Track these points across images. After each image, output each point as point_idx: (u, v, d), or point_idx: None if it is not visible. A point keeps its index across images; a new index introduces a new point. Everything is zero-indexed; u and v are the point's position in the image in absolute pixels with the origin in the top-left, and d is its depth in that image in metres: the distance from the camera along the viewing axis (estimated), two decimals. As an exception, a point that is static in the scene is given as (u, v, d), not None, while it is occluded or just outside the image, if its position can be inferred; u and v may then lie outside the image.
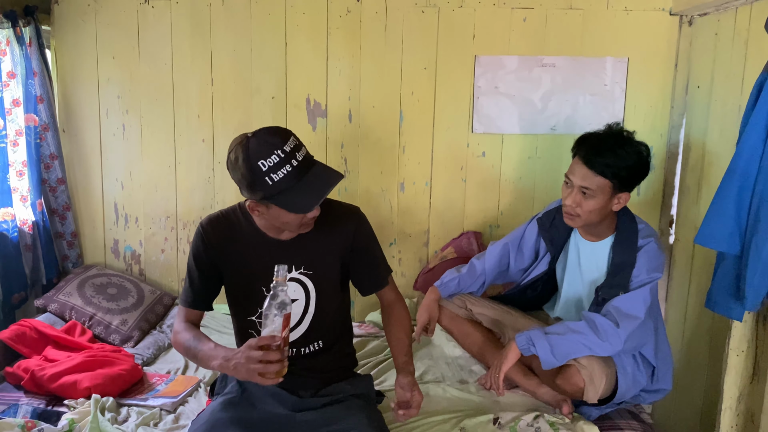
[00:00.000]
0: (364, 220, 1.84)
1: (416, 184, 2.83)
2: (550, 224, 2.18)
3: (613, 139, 1.97)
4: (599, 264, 2.07)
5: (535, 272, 2.22)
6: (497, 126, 2.77)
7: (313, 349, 1.82)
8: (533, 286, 2.25)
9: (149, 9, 2.69)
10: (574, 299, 2.16)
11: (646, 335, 1.96)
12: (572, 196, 1.99)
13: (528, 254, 2.26)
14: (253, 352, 1.46)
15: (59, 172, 2.69)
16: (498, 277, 2.33)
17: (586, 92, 2.74)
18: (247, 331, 1.81)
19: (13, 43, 2.44)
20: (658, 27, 2.69)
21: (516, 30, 2.70)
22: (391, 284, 1.89)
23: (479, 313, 2.28)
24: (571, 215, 2.02)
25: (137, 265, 2.88)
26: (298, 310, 1.77)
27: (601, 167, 1.93)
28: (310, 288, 1.78)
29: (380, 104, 2.76)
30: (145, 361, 2.34)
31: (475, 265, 2.32)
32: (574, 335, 1.88)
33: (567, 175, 2.02)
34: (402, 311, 1.88)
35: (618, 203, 2.00)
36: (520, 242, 2.26)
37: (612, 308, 1.90)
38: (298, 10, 2.69)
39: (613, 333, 1.85)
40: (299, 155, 1.56)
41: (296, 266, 1.75)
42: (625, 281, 1.93)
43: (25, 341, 2.21)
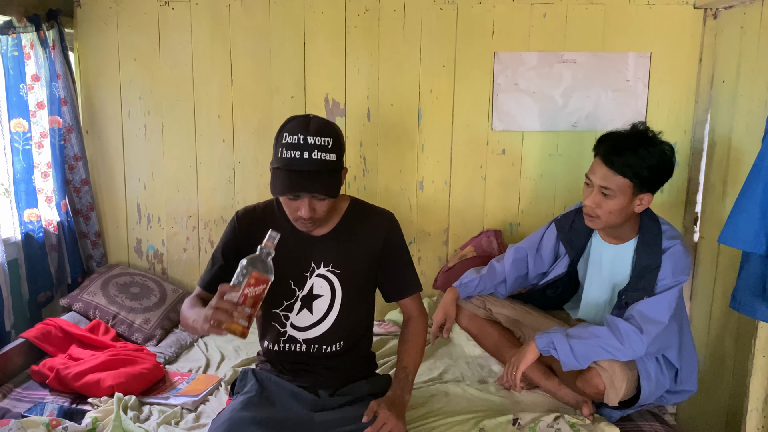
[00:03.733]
0: (396, 226, 1.84)
1: (435, 183, 2.82)
2: (570, 227, 2.15)
3: (636, 138, 1.92)
4: (622, 267, 2.03)
5: (553, 273, 2.19)
6: (517, 123, 2.75)
7: (335, 350, 1.82)
8: (553, 286, 2.22)
9: (169, 11, 2.71)
10: (596, 302, 2.12)
11: (671, 338, 1.92)
12: (592, 197, 1.95)
13: (547, 258, 2.22)
14: (213, 301, 1.43)
15: (83, 173, 2.74)
16: (518, 283, 2.30)
17: (608, 88, 2.70)
18: (271, 323, 1.82)
19: (37, 47, 2.48)
20: (682, 21, 2.65)
21: (536, 26, 2.67)
22: (416, 298, 1.88)
23: (498, 312, 2.26)
24: (591, 216, 1.98)
25: (160, 265, 2.91)
26: (322, 306, 1.78)
27: (620, 167, 1.88)
28: (337, 287, 1.79)
29: (399, 102, 2.76)
30: (167, 359, 2.36)
31: (495, 268, 2.29)
32: (595, 339, 1.85)
33: (587, 175, 1.98)
34: (419, 328, 1.86)
35: (640, 204, 1.94)
36: (538, 246, 2.23)
37: (636, 312, 1.86)
38: (317, 10, 2.69)
39: (636, 338, 1.82)
40: (315, 154, 1.58)
41: (325, 263, 1.77)
42: (651, 285, 1.88)
43: (50, 340, 2.25)
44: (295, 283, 1.78)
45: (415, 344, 1.83)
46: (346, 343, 1.83)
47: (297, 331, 1.80)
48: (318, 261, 1.77)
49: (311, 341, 1.80)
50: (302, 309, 1.79)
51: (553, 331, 1.92)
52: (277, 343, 1.81)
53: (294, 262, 1.76)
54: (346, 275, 1.79)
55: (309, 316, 1.79)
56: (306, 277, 1.78)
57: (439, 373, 2.29)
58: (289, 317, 1.79)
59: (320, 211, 1.66)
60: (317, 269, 1.78)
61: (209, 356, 2.42)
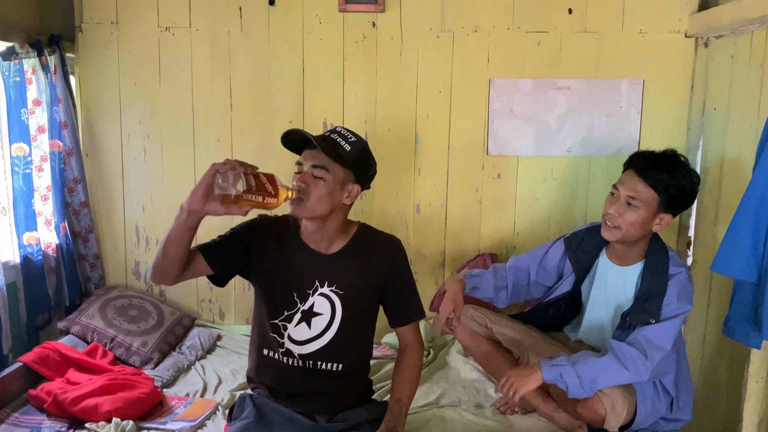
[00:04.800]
0: (403, 253, 1.87)
1: (432, 206, 2.85)
2: (578, 245, 2.18)
3: (671, 158, 1.99)
4: (626, 289, 2.06)
5: (558, 291, 2.21)
6: (512, 148, 2.79)
7: (331, 369, 1.83)
8: (556, 305, 2.24)
9: (170, 36, 2.75)
10: (598, 323, 2.15)
11: (668, 365, 1.95)
12: (616, 206, 1.99)
13: (551, 272, 2.25)
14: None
15: (82, 196, 2.75)
16: (517, 291, 2.31)
17: (601, 114, 2.75)
18: (271, 334, 1.82)
19: (38, 72, 2.51)
20: (674, 49, 2.70)
21: (530, 53, 2.72)
22: (414, 327, 1.89)
23: (499, 332, 2.27)
24: (611, 226, 2.01)
25: (158, 287, 2.92)
26: (321, 323, 1.80)
27: (653, 179, 1.94)
28: (338, 307, 1.80)
29: (396, 127, 2.79)
30: (164, 383, 2.37)
31: (498, 269, 2.31)
32: (602, 367, 1.87)
33: (615, 186, 2.03)
34: (414, 359, 1.87)
35: (659, 224, 1.99)
36: (542, 258, 2.25)
37: (641, 337, 1.89)
38: (316, 36, 2.73)
39: (641, 364, 1.85)
40: (332, 134, 1.75)
41: (329, 283, 1.79)
42: (656, 309, 1.92)
43: (48, 364, 2.25)
44: (297, 296, 1.80)
45: (411, 376, 1.84)
46: (344, 367, 1.83)
47: (294, 344, 1.81)
48: (322, 280, 1.79)
49: (307, 357, 1.81)
50: (301, 322, 1.80)
51: (559, 361, 1.90)
52: (276, 352, 1.82)
53: (299, 277, 1.79)
54: (348, 297, 1.80)
55: (307, 330, 1.80)
56: (308, 294, 1.80)
57: (436, 397, 2.30)
58: (288, 328, 1.80)
59: (311, 187, 1.68)
60: (320, 288, 1.80)
61: (206, 380, 2.43)
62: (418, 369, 1.88)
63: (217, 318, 2.95)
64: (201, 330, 2.77)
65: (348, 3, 2.68)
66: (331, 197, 1.71)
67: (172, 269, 1.63)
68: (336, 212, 1.76)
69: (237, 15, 2.72)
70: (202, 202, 1.48)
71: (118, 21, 2.75)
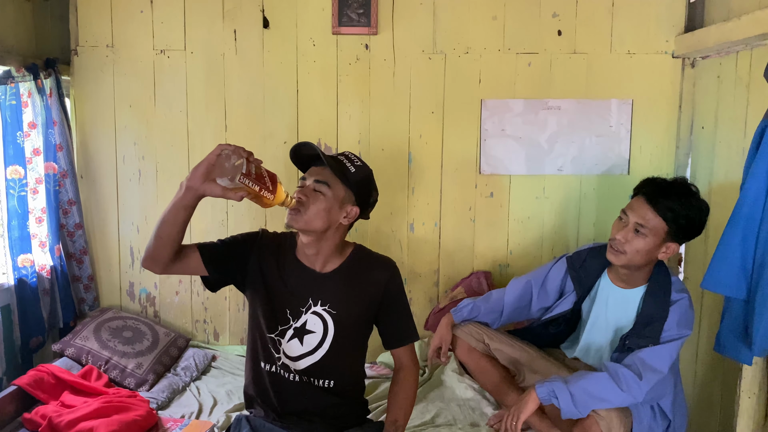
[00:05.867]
0: (397, 275, 1.89)
1: (426, 225, 2.87)
2: (581, 265, 2.20)
3: (682, 187, 2.00)
4: (627, 312, 2.08)
5: (558, 309, 2.23)
6: (505, 167, 2.82)
7: (324, 386, 1.84)
8: (556, 323, 2.26)
9: (165, 59, 2.78)
10: (596, 343, 2.17)
11: (666, 388, 1.96)
12: (624, 232, 2.00)
13: (552, 293, 2.27)
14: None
15: (77, 218, 2.76)
16: (517, 313, 2.34)
17: (592, 134, 2.79)
18: (268, 346, 1.82)
19: (34, 95, 2.52)
20: (662, 69, 2.75)
21: (521, 74, 2.76)
22: (409, 349, 1.90)
23: (496, 348, 2.30)
24: (616, 251, 2.02)
25: (152, 307, 2.92)
26: (313, 341, 1.81)
27: (663, 209, 1.95)
28: (330, 326, 1.82)
29: (389, 147, 2.82)
30: (159, 405, 2.36)
31: (492, 295, 2.34)
32: (596, 386, 1.88)
33: (624, 211, 2.04)
34: (409, 380, 1.88)
35: (665, 252, 2.00)
36: (544, 280, 2.27)
37: (637, 359, 1.91)
38: (309, 59, 2.77)
39: (635, 385, 1.86)
40: (339, 156, 1.82)
41: (322, 302, 1.81)
42: (656, 333, 1.93)
43: (42, 387, 2.24)
44: (290, 313, 1.81)
45: (406, 396, 1.85)
46: (336, 385, 1.84)
47: (289, 360, 1.82)
48: (316, 298, 1.81)
49: (302, 372, 1.82)
50: (293, 338, 1.81)
51: (552, 379, 1.94)
52: (274, 364, 1.83)
53: (293, 294, 1.80)
54: (341, 317, 1.82)
55: (299, 346, 1.81)
56: (301, 312, 1.81)
57: (431, 416, 2.30)
58: (282, 343, 1.81)
59: (311, 200, 1.71)
60: (313, 306, 1.81)
61: (201, 401, 2.42)
62: (414, 389, 1.89)
63: (212, 338, 2.94)
64: (195, 351, 2.77)
65: (341, 26, 2.72)
66: (329, 213, 1.73)
67: (163, 252, 1.61)
68: (332, 231, 1.78)
69: (232, 38, 2.76)
70: (201, 179, 1.49)
71: (114, 44, 2.77)
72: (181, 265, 1.70)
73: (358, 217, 1.82)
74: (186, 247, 1.72)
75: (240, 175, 1.48)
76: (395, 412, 1.83)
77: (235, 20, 2.75)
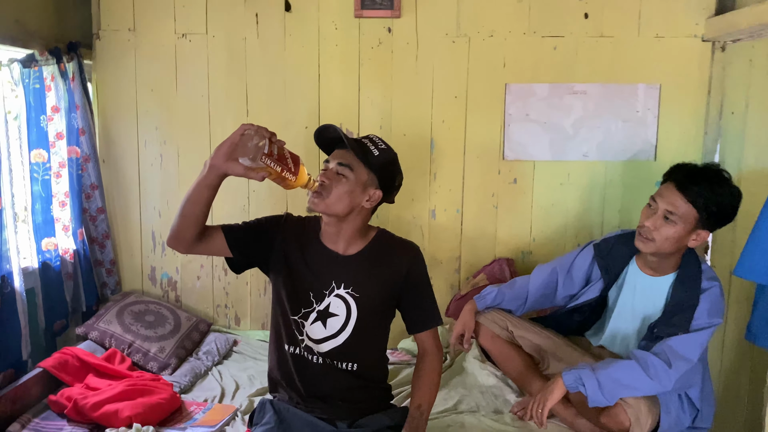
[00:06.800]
0: (420, 258, 1.87)
1: (447, 211, 2.84)
2: (608, 252, 2.16)
3: (713, 173, 1.95)
4: (655, 300, 2.04)
5: (584, 297, 2.20)
6: (528, 153, 2.78)
7: (347, 369, 1.83)
8: (581, 310, 2.23)
9: (186, 43, 2.76)
10: (622, 331, 2.13)
11: (695, 377, 1.93)
12: (653, 219, 1.96)
13: (578, 280, 2.24)
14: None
15: (99, 202, 2.76)
16: (541, 301, 2.32)
17: (618, 119, 2.74)
18: (291, 328, 1.82)
19: (57, 79, 2.52)
20: (691, 53, 2.68)
21: (546, 58, 2.72)
22: (433, 333, 1.88)
23: (520, 336, 2.27)
24: (645, 238, 1.98)
25: (173, 292, 2.93)
26: (336, 324, 1.81)
27: (693, 195, 1.90)
28: (353, 309, 1.81)
29: (411, 132, 2.79)
30: (182, 388, 2.37)
31: (516, 282, 2.32)
32: (624, 374, 1.86)
33: (654, 197, 1.99)
34: (434, 364, 1.86)
35: (695, 240, 1.96)
36: (570, 267, 2.24)
37: (666, 347, 1.88)
38: (331, 42, 2.74)
39: (664, 373, 1.83)
40: (363, 138, 1.79)
41: (345, 285, 1.80)
42: (686, 322, 1.90)
43: (67, 369, 2.26)
44: (313, 296, 1.80)
45: (430, 381, 1.84)
46: (359, 368, 1.84)
47: (312, 342, 1.81)
48: (339, 281, 1.80)
49: (325, 355, 1.81)
50: (316, 321, 1.81)
51: (579, 366, 1.92)
52: (298, 347, 1.83)
53: (316, 277, 1.80)
54: (364, 300, 1.81)
55: (322, 329, 1.81)
56: (324, 294, 1.80)
57: (454, 403, 2.29)
58: (305, 325, 1.81)
59: (333, 183, 1.71)
60: (336, 289, 1.81)
61: (224, 385, 2.43)
62: (438, 374, 1.88)
63: (233, 323, 2.95)
64: (217, 335, 2.77)
65: (364, 9, 2.68)
66: (351, 197, 1.73)
67: (187, 232, 1.64)
68: (355, 214, 1.77)
69: (253, 21, 2.74)
70: (224, 158, 1.50)
71: (136, 28, 2.76)
72: (206, 245, 1.72)
73: (382, 200, 1.80)
74: (210, 228, 1.73)
75: (262, 155, 1.48)
76: (419, 397, 1.82)
77: (257, 3, 2.72)
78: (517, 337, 2.28)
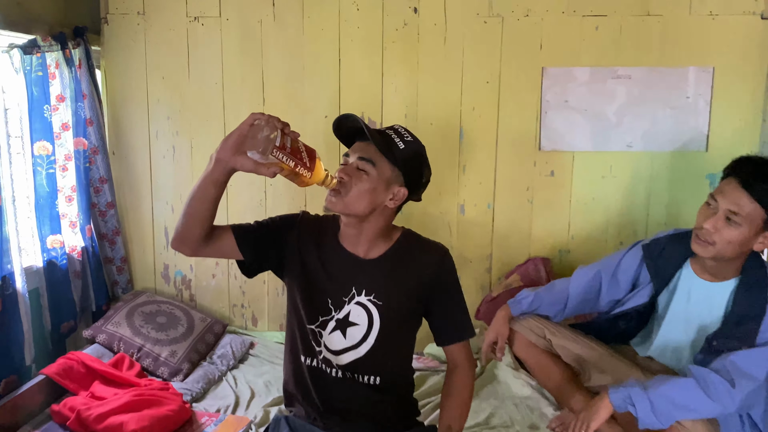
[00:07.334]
0: (450, 263, 1.69)
1: (477, 206, 2.67)
2: (659, 253, 1.97)
3: None
4: (713, 308, 1.84)
5: (631, 303, 2.01)
6: (567, 143, 2.60)
7: (369, 383, 1.67)
8: (626, 317, 2.04)
9: (199, 26, 2.61)
10: (675, 342, 1.94)
11: (758, 397, 1.72)
12: (713, 220, 1.75)
13: (624, 284, 2.05)
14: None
15: (109, 196, 2.64)
16: (582, 306, 2.14)
17: (665, 105, 2.54)
18: (308, 339, 1.67)
19: (62, 66, 2.38)
20: (748, 32, 2.47)
21: (587, 39, 2.52)
22: (464, 346, 1.72)
23: (559, 345, 2.11)
24: (704, 242, 1.78)
25: (188, 291, 2.80)
26: (357, 334, 1.65)
27: (761, 193, 1.69)
28: (375, 318, 1.64)
29: (439, 121, 2.62)
30: (194, 396, 2.23)
31: (555, 285, 2.15)
32: (680, 394, 1.66)
33: (713, 195, 1.78)
34: (465, 379, 1.69)
35: (762, 243, 1.74)
36: (615, 269, 2.05)
37: (729, 363, 1.67)
38: (353, 24, 2.57)
39: (726, 394, 1.63)
40: (387, 129, 1.62)
41: (367, 291, 1.63)
42: (750, 335, 1.69)
43: (72, 376, 2.14)
44: (332, 303, 1.65)
45: (461, 399, 1.67)
46: (383, 382, 1.68)
47: (331, 354, 1.66)
48: (360, 287, 1.63)
49: (345, 368, 1.65)
50: (335, 330, 1.65)
51: (629, 384, 1.72)
52: (315, 358, 1.67)
53: (335, 283, 1.64)
54: (388, 308, 1.64)
55: (342, 339, 1.65)
56: (344, 302, 1.64)
57: (486, 417, 2.12)
58: (323, 335, 1.65)
59: (353, 180, 1.53)
60: (357, 296, 1.64)
61: (238, 393, 2.29)
62: (470, 391, 1.71)
63: (250, 324, 2.81)
64: (233, 337, 2.63)
65: (388, -13, 2.50)
66: (373, 195, 1.55)
67: (192, 233, 1.48)
68: (377, 214, 1.60)
69: (269, 3, 2.57)
70: (231, 151, 1.34)
71: (145, 11, 2.62)
72: (214, 247, 1.56)
73: (408, 198, 1.62)
74: (219, 228, 1.57)
75: (273, 148, 1.30)
76: (449, 417, 1.66)
77: (274, -17, 2.56)
78: (555, 345, 2.11)
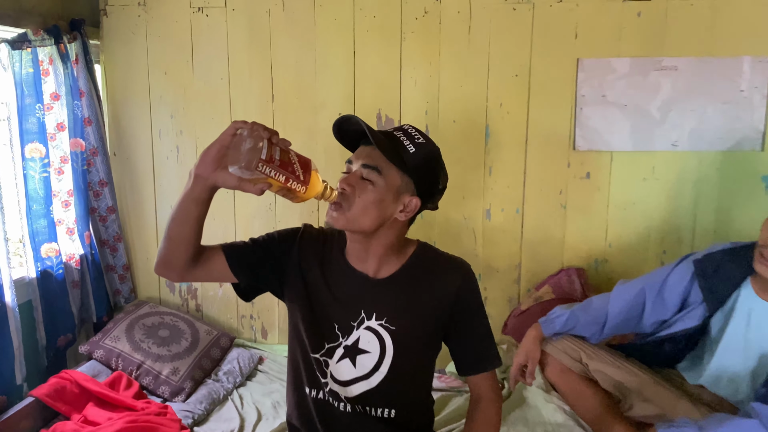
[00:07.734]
0: (472, 281, 1.51)
1: (505, 211, 2.48)
2: (714, 270, 1.76)
3: None
4: None
5: (680, 325, 1.81)
6: (605, 142, 2.41)
7: (382, 416, 1.50)
8: (674, 339, 1.84)
9: (203, 18, 2.45)
10: (730, 370, 1.75)
11: None
12: None
13: (672, 303, 1.85)
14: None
15: (109, 200, 2.49)
16: (623, 326, 1.94)
17: (716, 100, 2.33)
18: (312, 369, 1.50)
19: (56, 62, 2.22)
20: (811, 17, 2.21)
21: (628, 27, 2.32)
22: (490, 377, 1.54)
23: (596, 370, 1.92)
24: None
25: (194, 300, 2.65)
26: (367, 363, 1.47)
27: None
28: (388, 345, 1.46)
29: (462, 118, 2.44)
30: (195, 419, 2.07)
31: (593, 302, 1.96)
32: None
33: None
34: (490, 414, 1.51)
35: None
36: (662, 287, 1.85)
37: None
38: (368, 13, 2.40)
39: None
40: (396, 131, 1.44)
41: (378, 315, 1.45)
42: None
43: (64, 397, 1.99)
44: (339, 328, 1.47)
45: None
46: (398, 414, 1.50)
47: (338, 385, 1.48)
48: (370, 310, 1.45)
49: (355, 400, 1.48)
50: (344, 358, 1.47)
51: (681, 423, 1.53)
52: (321, 390, 1.50)
53: (342, 305, 1.46)
54: (402, 334, 1.46)
55: (351, 369, 1.47)
56: (353, 327, 1.46)
57: (513, 446, 1.91)
58: (330, 364, 1.47)
59: (357, 191, 1.35)
60: (367, 320, 1.46)
61: (244, 415, 2.12)
62: (496, 427, 1.52)
63: (259, 336, 2.65)
64: (241, 351, 2.47)
65: (407, -28, 2.30)
66: (380, 208, 1.36)
67: (176, 256, 1.32)
68: (386, 228, 1.41)
69: (278, -9, 2.40)
70: (212, 166, 1.18)
71: (146, 2, 2.48)
72: (203, 271, 1.38)
73: (421, 208, 1.42)
74: (208, 249, 1.39)
75: (259, 161, 1.11)
76: None
77: (282, -30, 2.39)
78: (592, 371, 1.92)
